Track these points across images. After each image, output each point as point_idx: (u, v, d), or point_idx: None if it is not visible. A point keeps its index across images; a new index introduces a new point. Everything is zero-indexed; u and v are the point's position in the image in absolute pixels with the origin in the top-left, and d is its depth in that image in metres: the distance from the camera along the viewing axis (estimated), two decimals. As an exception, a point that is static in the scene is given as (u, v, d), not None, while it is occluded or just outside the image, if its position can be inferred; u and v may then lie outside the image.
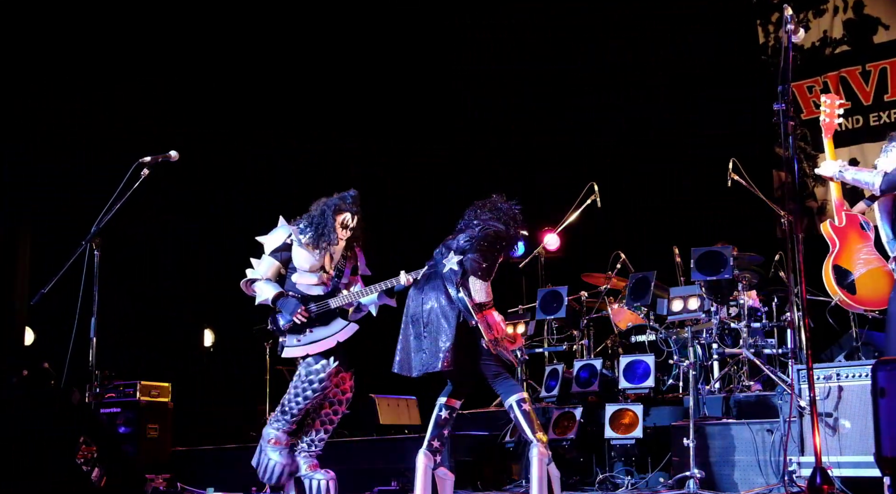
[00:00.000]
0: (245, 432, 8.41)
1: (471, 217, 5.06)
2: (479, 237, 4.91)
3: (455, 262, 4.89)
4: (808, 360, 3.83)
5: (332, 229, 5.29)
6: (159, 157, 5.27)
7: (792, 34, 4.04)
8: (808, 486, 3.67)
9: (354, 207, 5.38)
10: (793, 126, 3.96)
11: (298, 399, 5.21)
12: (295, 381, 5.26)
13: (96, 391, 5.21)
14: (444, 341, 4.77)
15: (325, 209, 5.34)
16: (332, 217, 5.31)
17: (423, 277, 5.02)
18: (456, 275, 4.84)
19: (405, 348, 4.92)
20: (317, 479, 5.24)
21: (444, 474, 4.83)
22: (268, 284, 5.36)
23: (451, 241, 5.02)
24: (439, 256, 5.02)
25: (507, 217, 5.01)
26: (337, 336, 5.26)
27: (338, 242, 5.36)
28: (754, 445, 5.55)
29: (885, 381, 3.86)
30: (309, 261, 5.32)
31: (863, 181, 4.26)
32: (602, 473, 6.10)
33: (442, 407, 4.92)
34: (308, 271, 5.32)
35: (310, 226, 5.33)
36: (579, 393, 6.60)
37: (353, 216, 5.38)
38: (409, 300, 5.01)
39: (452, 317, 4.79)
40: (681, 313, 6.88)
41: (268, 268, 5.40)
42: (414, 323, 4.92)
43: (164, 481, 7.15)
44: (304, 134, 10.47)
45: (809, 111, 9.66)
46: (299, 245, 5.33)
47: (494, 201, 5.10)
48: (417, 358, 4.85)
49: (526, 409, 4.79)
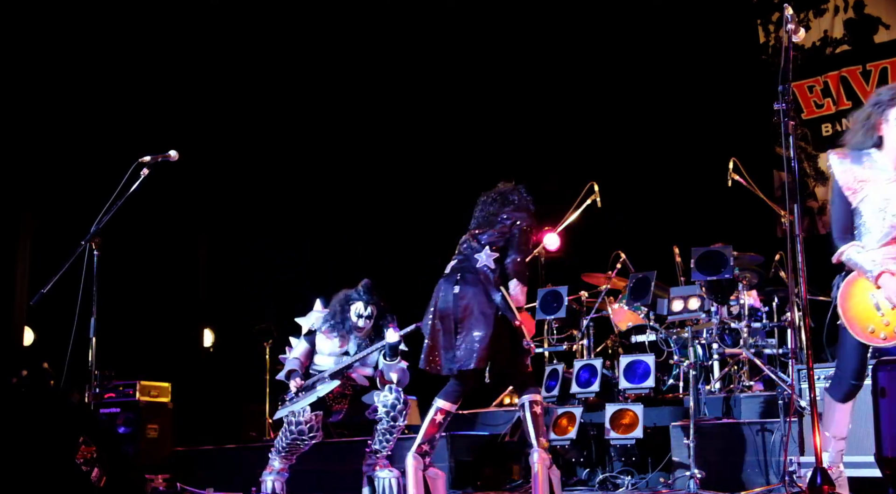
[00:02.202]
0: (245, 432, 8.41)
1: (489, 211, 4.97)
2: (517, 236, 4.83)
3: (492, 260, 4.81)
4: (809, 360, 3.82)
5: (347, 319, 5.63)
6: (159, 157, 5.27)
7: (792, 34, 4.03)
8: (808, 486, 3.67)
9: (366, 296, 5.64)
10: (793, 126, 3.95)
11: (284, 439, 5.55)
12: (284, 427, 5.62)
13: (96, 391, 5.21)
14: (482, 339, 4.67)
15: (339, 302, 5.68)
16: (347, 308, 5.64)
17: (454, 271, 4.89)
18: (494, 274, 4.76)
19: (434, 345, 4.81)
20: (382, 477, 5.42)
21: (435, 474, 4.84)
22: (291, 361, 5.79)
23: (480, 235, 4.91)
24: (469, 250, 4.91)
25: (524, 206, 4.97)
26: (318, 391, 5.57)
27: (359, 331, 5.67)
28: (754, 445, 5.55)
29: (885, 381, 3.86)
30: (329, 348, 5.71)
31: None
32: (602, 473, 6.09)
33: (437, 411, 4.87)
34: (327, 356, 5.72)
35: (329, 317, 5.72)
36: (579, 393, 6.60)
37: (367, 305, 5.62)
38: (439, 292, 4.87)
39: (490, 315, 4.69)
40: (681, 313, 6.88)
41: (299, 350, 5.83)
42: (443, 318, 4.80)
43: (164, 481, 7.15)
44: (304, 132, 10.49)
45: (810, 111, 9.66)
46: (320, 332, 5.73)
47: (504, 192, 5.03)
48: (449, 355, 4.75)
49: (536, 412, 4.77)
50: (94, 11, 8.93)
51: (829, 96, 9.60)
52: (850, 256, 3.92)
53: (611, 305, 7.49)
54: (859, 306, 3.90)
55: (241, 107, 10.19)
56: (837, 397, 4.01)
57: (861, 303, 3.89)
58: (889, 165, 3.96)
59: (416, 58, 10.33)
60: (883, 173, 3.95)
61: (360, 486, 5.61)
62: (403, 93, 10.42)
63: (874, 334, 3.84)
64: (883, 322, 3.82)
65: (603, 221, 8.33)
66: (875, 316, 3.84)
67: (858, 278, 3.93)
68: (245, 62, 10.08)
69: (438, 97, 10.29)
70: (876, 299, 3.86)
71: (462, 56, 10.26)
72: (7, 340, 8.84)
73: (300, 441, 5.49)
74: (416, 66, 10.34)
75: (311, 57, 10.33)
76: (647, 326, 7.08)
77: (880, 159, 3.98)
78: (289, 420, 5.51)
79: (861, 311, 3.89)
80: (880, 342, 3.85)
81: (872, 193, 3.92)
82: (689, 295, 6.89)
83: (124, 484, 4.11)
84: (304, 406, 5.44)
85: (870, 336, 3.85)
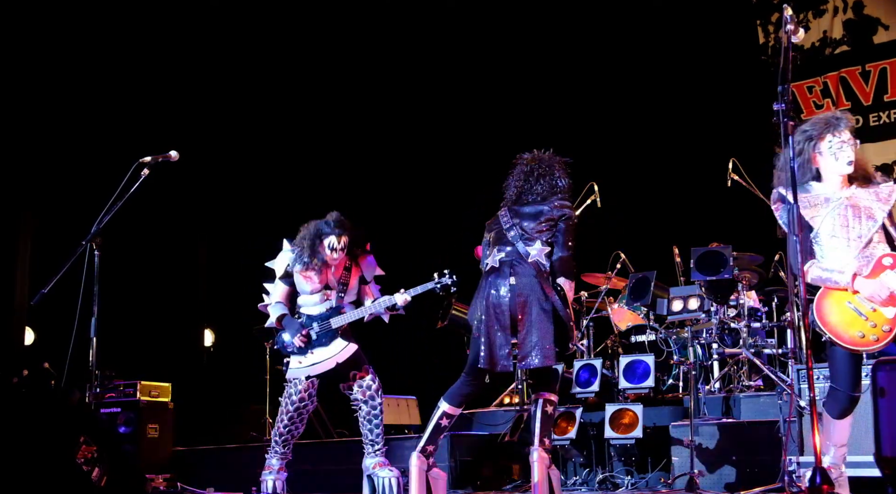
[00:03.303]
0: (245, 432, 8.41)
1: (533, 188, 4.84)
2: (564, 231, 4.74)
3: (544, 254, 4.72)
4: (808, 360, 3.82)
5: (318, 254, 5.49)
6: (159, 157, 5.26)
7: (792, 34, 4.04)
8: (808, 486, 3.67)
9: (338, 229, 5.52)
10: (793, 126, 3.96)
11: (282, 418, 5.57)
12: (283, 401, 5.62)
13: (96, 391, 5.20)
14: (545, 336, 4.58)
15: (309, 235, 5.54)
16: (317, 243, 5.51)
17: (505, 264, 4.73)
18: (545, 268, 4.69)
19: (489, 342, 4.67)
20: (382, 477, 5.42)
21: (437, 474, 4.82)
22: (275, 307, 5.66)
23: (525, 222, 4.77)
24: (515, 238, 4.74)
25: (568, 193, 4.90)
26: (336, 357, 5.50)
27: (332, 263, 5.56)
28: (754, 445, 5.56)
29: (885, 381, 3.87)
30: (309, 286, 5.58)
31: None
32: (602, 473, 6.10)
33: (443, 415, 4.82)
34: (309, 294, 5.59)
35: (299, 254, 5.55)
36: (579, 393, 6.60)
37: (339, 237, 5.52)
38: (490, 288, 4.71)
39: (550, 312, 4.61)
40: (681, 313, 6.89)
41: (279, 293, 5.70)
42: (498, 314, 4.66)
43: (164, 481, 7.15)
44: (304, 133, 10.49)
45: (809, 111, 9.65)
46: (296, 272, 5.59)
47: (552, 166, 4.91)
48: (504, 352, 4.64)
49: (548, 411, 4.73)
50: (94, 11, 8.93)
51: (829, 97, 9.61)
52: (816, 274, 3.99)
53: (611, 305, 7.49)
54: (839, 317, 3.94)
55: (241, 109, 10.19)
56: (835, 414, 4.01)
57: (840, 314, 3.94)
58: (830, 193, 4.08)
59: (416, 58, 10.33)
60: (828, 202, 4.06)
61: (360, 486, 5.61)
62: (403, 93, 10.42)
63: (865, 339, 3.88)
64: (869, 325, 3.88)
65: (603, 221, 8.32)
66: (859, 322, 3.90)
67: (828, 293, 3.98)
68: (245, 62, 10.08)
69: (438, 98, 10.29)
70: (853, 305, 3.92)
71: (462, 56, 10.26)
72: (7, 340, 8.84)
73: (302, 408, 5.53)
74: (416, 67, 10.35)
75: (310, 57, 10.33)
76: (646, 326, 7.09)
77: (821, 189, 4.10)
78: (288, 392, 5.55)
79: (843, 321, 3.93)
80: (873, 344, 3.89)
81: (828, 217, 4.03)
82: (688, 295, 6.90)
83: (124, 484, 4.12)
84: (326, 362, 5.46)
85: (861, 342, 3.89)
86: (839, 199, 4.06)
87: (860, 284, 3.91)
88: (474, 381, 4.88)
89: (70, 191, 8.77)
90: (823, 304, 3.98)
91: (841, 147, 4.04)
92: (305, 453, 6.63)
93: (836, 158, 4.05)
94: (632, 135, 9.81)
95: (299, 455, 5.99)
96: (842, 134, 4.05)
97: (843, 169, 4.06)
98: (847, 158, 4.04)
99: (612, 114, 9.87)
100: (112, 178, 5.22)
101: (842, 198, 4.06)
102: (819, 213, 4.05)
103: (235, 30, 9.92)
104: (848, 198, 4.06)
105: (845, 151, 4.04)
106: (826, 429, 4.03)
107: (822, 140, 4.07)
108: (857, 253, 3.98)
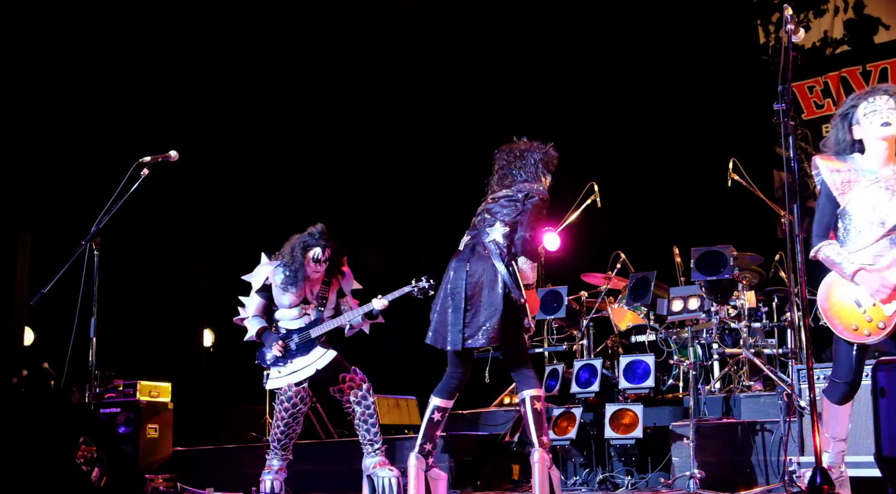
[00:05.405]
0: (245, 432, 8.40)
1: (506, 173, 4.87)
2: (528, 211, 4.71)
3: (501, 234, 4.71)
4: (809, 360, 3.83)
5: (301, 267, 5.58)
6: (159, 157, 5.26)
7: (792, 34, 4.04)
8: (808, 486, 3.67)
9: (322, 241, 5.61)
10: (793, 126, 3.95)
11: (278, 423, 5.64)
12: (276, 408, 5.70)
13: (96, 391, 5.20)
14: (492, 317, 4.59)
15: (294, 248, 5.62)
16: (300, 255, 5.59)
17: (467, 248, 4.82)
18: (499, 248, 4.67)
19: (442, 321, 4.73)
20: (382, 476, 5.45)
21: (437, 475, 4.81)
22: (252, 320, 5.80)
23: (493, 206, 4.81)
24: (481, 223, 4.82)
25: (540, 174, 4.86)
26: (315, 364, 5.60)
27: (313, 277, 5.65)
28: (754, 445, 5.56)
29: (885, 381, 3.87)
30: (288, 300, 5.67)
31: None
32: (602, 473, 6.10)
33: (434, 409, 4.81)
34: (288, 308, 5.68)
35: (282, 267, 5.64)
36: (579, 393, 6.60)
37: (323, 250, 5.61)
38: (451, 271, 4.78)
39: (500, 292, 4.60)
40: (681, 313, 6.88)
41: (255, 306, 5.82)
42: (454, 295, 4.70)
43: (164, 481, 7.15)
44: (304, 133, 10.49)
45: (810, 111, 9.66)
46: (276, 285, 5.67)
47: (524, 152, 4.91)
48: (455, 331, 4.65)
49: (538, 408, 4.66)
50: (94, 11, 8.93)
51: (830, 97, 9.61)
52: (827, 254, 3.98)
53: (611, 305, 7.49)
54: (840, 304, 3.95)
55: (240, 108, 10.19)
56: (834, 399, 4.02)
57: (842, 302, 3.95)
58: (872, 166, 4.01)
59: (415, 58, 10.33)
60: (866, 175, 3.99)
61: (360, 486, 5.61)
62: (403, 93, 10.42)
63: (858, 331, 3.89)
64: (865, 318, 3.88)
65: (603, 221, 8.33)
66: (857, 314, 3.90)
67: (837, 277, 3.98)
68: (245, 63, 10.08)
69: (438, 98, 10.29)
70: (856, 296, 3.91)
71: (462, 56, 10.26)
72: (7, 340, 8.84)
73: (296, 412, 5.60)
74: (416, 66, 10.34)
75: (310, 57, 10.32)
76: (646, 326, 7.09)
77: (862, 162, 4.04)
78: (279, 400, 5.61)
79: (842, 309, 3.94)
80: (864, 338, 3.89)
81: (859, 195, 3.96)
82: (688, 295, 6.89)
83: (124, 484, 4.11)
84: (306, 369, 5.56)
85: (854, 333, 3.90)
86: (875, 176, 3.97)
87: (861, 278, 3.88)
88: (457, 371, 4.86)
89: (70, 191, 8.76)
90: (830, 288, 4.00)
91: (875, 110, 3.97)
92: (305, 453, 6.63)
93: (870, 122, 3.98)
94: (632, 135, 9.81)
95: (299, 455, 6.00)
96: (877, 99, 3.98)
97: (879, 132, 3.96)
98: (881, 120, 3.95)
99: (612, 114, 9.87)
100: (112, 178, 5.22)
101: (878, 177, 3.97)
102: (851, 189, 3.97)
103: (235, 30, 9.91)
104: (886, 178, 3.97)
105: (880, 114, 3.96)
106: (826, 417, 4.02)
107: (857, 109, 4.02)
108: (876, 238, 3.91)
